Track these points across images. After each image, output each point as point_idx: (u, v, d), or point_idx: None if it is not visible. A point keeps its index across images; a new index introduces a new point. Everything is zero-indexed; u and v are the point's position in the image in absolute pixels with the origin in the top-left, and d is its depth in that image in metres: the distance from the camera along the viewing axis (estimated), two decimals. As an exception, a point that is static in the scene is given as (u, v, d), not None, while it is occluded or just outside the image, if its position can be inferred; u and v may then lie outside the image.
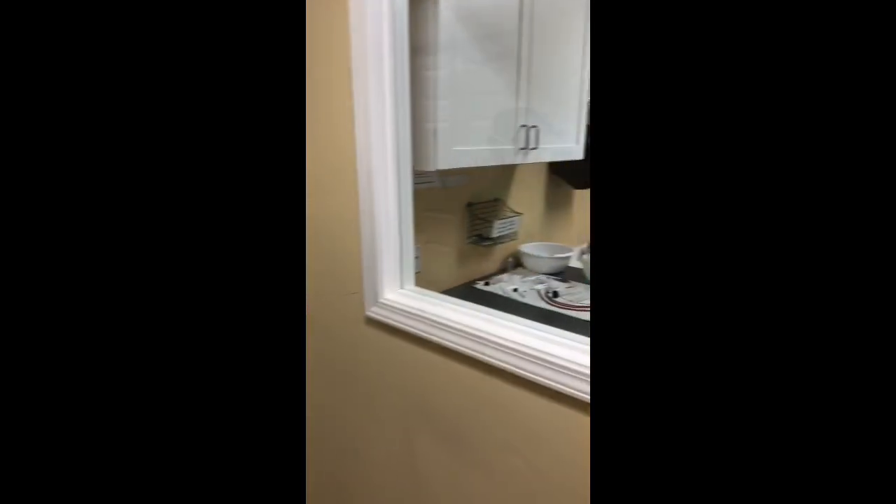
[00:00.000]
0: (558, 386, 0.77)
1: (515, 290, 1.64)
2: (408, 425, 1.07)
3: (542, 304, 1.53)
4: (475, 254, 1.82)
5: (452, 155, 1.20)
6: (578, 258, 2.02)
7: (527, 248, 1.92)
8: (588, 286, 1.70)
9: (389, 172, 0.99)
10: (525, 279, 1.75)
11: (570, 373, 0.75)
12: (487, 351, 0.86)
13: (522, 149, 1.41)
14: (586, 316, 1.43)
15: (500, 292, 1.64)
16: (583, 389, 0.74)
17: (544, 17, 1.38)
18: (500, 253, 1.93)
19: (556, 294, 1.58)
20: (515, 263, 1.93)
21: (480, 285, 1.71)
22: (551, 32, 1.44)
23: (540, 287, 1.67)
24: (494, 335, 0.86)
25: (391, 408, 1.10)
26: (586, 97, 1.66)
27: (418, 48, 1.13)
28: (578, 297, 1.59)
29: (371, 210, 0.99)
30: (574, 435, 0.77)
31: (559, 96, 1.56)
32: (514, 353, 0.82)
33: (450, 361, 0.94)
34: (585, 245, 2.41)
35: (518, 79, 1.35)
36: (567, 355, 0.77)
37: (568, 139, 1.65)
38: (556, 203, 2.23)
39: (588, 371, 0.73)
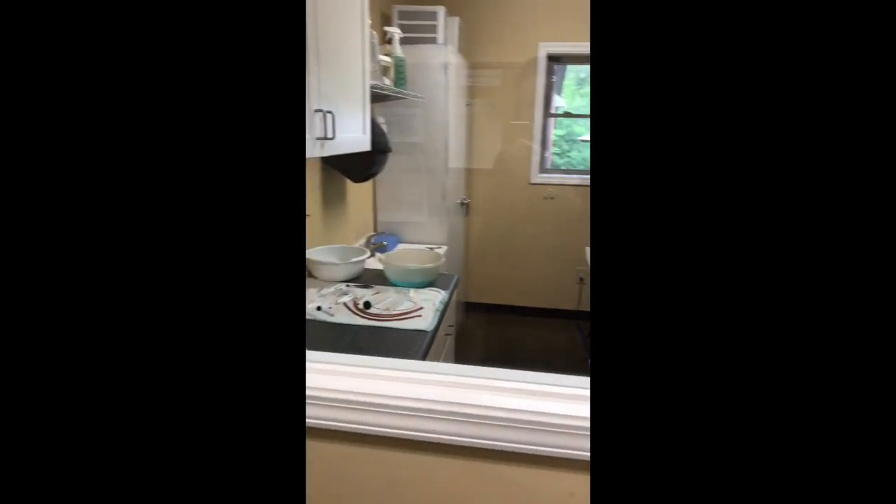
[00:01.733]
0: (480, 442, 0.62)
1: (319, 308, 1.38)
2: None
3: (358, 320, 1.33)
4: (256, 270, 1.45)
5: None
6: (373, 256, 1.88)
7: (315, 254, 1.66)
8: (397, 288, 1.57)
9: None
10: (323, 292, 1.50)
11: (479, 420, 0.61)
12: (371, 419, 0.64)
13: (319, 139, 1.16)
14: (409, 324, 1.31)
15: (301, 314, 1.35)
16: (493, 437, 0.61)
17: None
18: (283, 264, 1.61)
19: (368, 305, 1.40)
20: (308, 274, 1.65)
21: (272, 309, 1.38)
22: (336, 5, 1.21)
23: (346, 299, 1.45)
24: (369, 393, 0.64)
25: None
26: (369, 83, 1.50)
27: None
28: (391, 302, 1.45)
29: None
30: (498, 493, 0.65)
31: (345, 81, 1.35)
32: (411, 413, 0.63)
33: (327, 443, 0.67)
34: (364, 239, 2.29)
35: (308, 53, 1.08)
36: (466, 399, 0.63)
37: (356, 129, 1.46)
38: (331, 199, 2.01)
39: (501, 414, 0.61)
